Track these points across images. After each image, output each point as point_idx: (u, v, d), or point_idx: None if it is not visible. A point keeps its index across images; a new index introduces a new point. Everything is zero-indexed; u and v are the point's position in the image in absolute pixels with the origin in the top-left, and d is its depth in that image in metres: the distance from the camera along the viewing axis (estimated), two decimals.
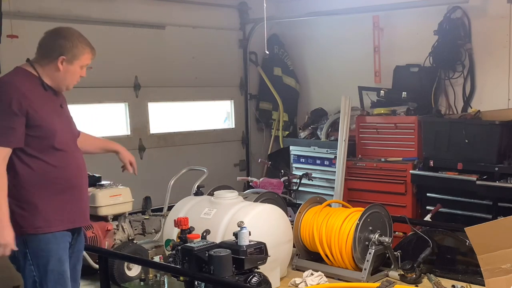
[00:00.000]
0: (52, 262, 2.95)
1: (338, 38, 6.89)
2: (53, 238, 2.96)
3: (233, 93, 7.31)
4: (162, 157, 6.43)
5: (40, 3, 5.41)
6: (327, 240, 3.94)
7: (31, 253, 2.94)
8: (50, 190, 2.96)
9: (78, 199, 3.09)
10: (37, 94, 2.97)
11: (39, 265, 2.94)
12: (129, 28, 6.12)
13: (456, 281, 3.68)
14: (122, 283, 3.92)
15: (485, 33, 5.69)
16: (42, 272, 2.94)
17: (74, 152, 3.11)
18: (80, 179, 3.11)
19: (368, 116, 6.18)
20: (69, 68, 3.01)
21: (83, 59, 3.05)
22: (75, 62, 3.02)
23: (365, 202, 4.82)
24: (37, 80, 3.00)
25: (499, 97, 5.61)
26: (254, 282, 3.19)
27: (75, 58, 3.02)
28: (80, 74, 3.08)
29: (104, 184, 4.22)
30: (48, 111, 2.98)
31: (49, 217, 2.95)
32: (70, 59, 3.01)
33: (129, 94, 6.18)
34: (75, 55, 3.02)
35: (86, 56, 3.06)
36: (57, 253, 2.97)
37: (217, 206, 3.82)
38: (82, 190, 3.13)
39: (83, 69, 3.08)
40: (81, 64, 3.05)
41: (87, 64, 3.09)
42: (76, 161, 3.11)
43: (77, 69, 3.04)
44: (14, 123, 2.84)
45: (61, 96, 3.16)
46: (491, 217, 4.93)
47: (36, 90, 2.97)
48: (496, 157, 5.04)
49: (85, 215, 3.19)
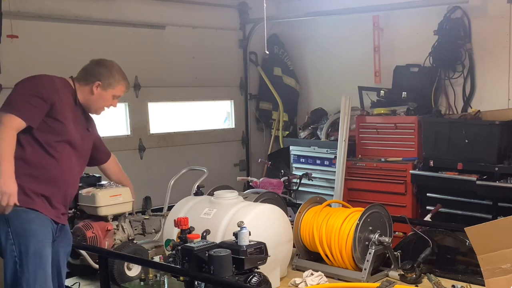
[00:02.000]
0: (33, 242, 2.98)
1: (338, 38, 6.90)
2: (36, 218, 3.03)
3: (233, 93, 7.31)
4: (162, 157, 6.43)
5: (40, 3, 5.41)
6: (327, 240, 3.94)
7: (13, 231, 2.97)
8: (39, 176, 3.07)
9: (61, 197, 3.19)
10: (68, 100, 3.21)
11: (20, 244, 2.96)
12: (129, 28, 6.12)
13: (456, 281, 3.68)
14: (122, 283, 3.91)
15: (485, 33, 5.69)
16: (24, 252, 2.95)
17: (72, 165, 3.25)
18: (69, 182, 3.24)
19: (368, 116, 6.18)
20: (102, 94, 3.30)
21: (117, 89, 3.34)
22: (109, 90, 3.31)
23: (365, 202, 4.82)
24: (72, 92, 3.27)
25: (499, 97, 5.61)
26: (254, 282, 3.19)
27: (110, 87, 3.31)
28: (111, 103, 3.37)
29: (104, 184, 4.22)
30: (71, 118, 3.20)
31: (32, 197, 3.04)
32: (105, 86, 3.30)
33: (129, 94, 6.15)
34: (110, 84, 3.31)
35: (120, 88, 3.36)
36: (39, 234, 3.02)
37: (217, 206, 3.81)
38: (68, 192, 3.25)
39: (115, 100, 3.37)
40: (114, 94, 3.34)
41: (120, 95, 3.38)
42: (72, 171, 3.25)
43: (109, 97, 3.33)
44: (37, 103, 3.03)
45: (90, 119, 3.45)
46: (491, 217, 4.93)
47: (68, 97, 3.22)
48: (496, 157, 5.04)
49: (64, 215, 3.29)
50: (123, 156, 5.72)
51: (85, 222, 4.00)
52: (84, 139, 3.34)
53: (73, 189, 3.34)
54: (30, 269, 2.96)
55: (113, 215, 4.16)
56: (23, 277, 2.96)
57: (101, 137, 3.79)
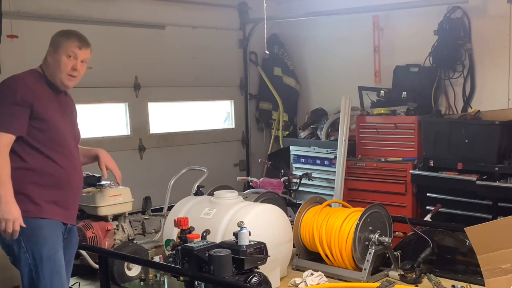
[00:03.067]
0: (46, 248, 2.97)
1: (338, 38, 6.89)
2: (46, 224, 3.00)
3: (233, 93, 7.31)
4: (162, 157, 6.43)
5: (40, 3, 5.41)
6: (327, 240, 3.94)
7: (25, 240, 2.95)
8: (45, 183, 3.02)
9: (69, 196, 3.14)
10: (43, 91, 3.08)
11: (34, 251, 2.96)
12: (129, 28, 6.11)
13: (456, 281, 3.68)
14: (122, 283, 3.92)
15: (485, 33, 5.69)
16: (38, 259, 2.96)
17: (74, 154, 3.19)
18: (75, 180, 3.18)
19: (368, 116, 6.18)
20: (55, 58, 3.07)
21: (66, 47, 3.06)
22: (59, 51, 3.06)
23: (365, 202, 4.82)
24: (43, 79, 3.12)
25: (499, 97, 5.61)
26: (254, 282, 3.19)
27: (59, 46, 3.07)
28: (71, 65, 3.07)
29: (104, 184, 4.22)
30: (53, 108, 3.08)
31: (41, 204, 3.00)
32: (55, 48, 3.09)
33: (129, 94, 6.17)
34: (58, 43, 3.08)
35: (70, 44, 3.07)
36: (51, 239, 3.01)
37: (217, 206, 3.82)
38: (75, 190, 3.20)
39: (74, 61, 3.08)
40: (67, 53, 3.06)
41: (74, 52, 3.07)
42: (75, 162, 3.18)
43: (63, 58, 3.06)
44: (18, 112, 2.95)
45: (70, 100, 3.30)
46: (491, 217, 4.93)
47: (42, 88, 3.09)
48: (496, 157, 5.03)
49: (73, 214, 3.23)
50: (123, 156, 5.74)
51: (85, 222, 4.01)
52: (74, 124, 3.28)
53: (79, 181, 3.26)
54: (46, 275, 2.97)
55: (113, 215, 4.16)
56: (40, 284, 2.97)
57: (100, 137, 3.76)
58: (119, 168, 3.60)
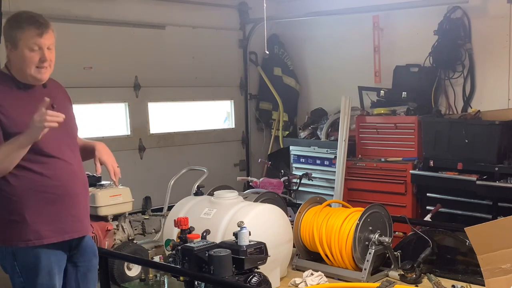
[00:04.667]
0: (41, 276, 2.79)
1: (338, 38, 6.89)
2: (43, 252, 2.78)
3: (233, 93, 7.31)
4: (162, 157, 6.43)
5: (40, 3, 5.40)
6: (327, 240, 3.94)
7: (20, 266, 2.78)
8: (39, 200, 2.75)
9: (71, 207, 2.84)
10: (10, 96, 2.72)
11: (28, 277, 2.79)
12: (129, 28, 6.11)
13: (456, 281, 3.68)
14: (122, 283, 3.92)
15: (485, 33, 5.68)
16: (32, 284, 2.80)
17: (66, 157, 2.85)
18: (73, 186, 2.86)
19: (368, 116, 6.18)
20: (17, 54, 2.70)
21: (24, 39, 2.68)
22: (18, 45, 2.68)
23: (365, 202, 4.82)
24: (10, 80, 2.75)
25: (499, 97, 5.61)
26: (254, 282, 3.19)
27: (16, 40, 2.68)
28: (37, 58, 2.70)
29: (104, 184, 4.22)
30: (26, 112, 2.66)
31: (39, 228, 2.74)
32: (13, 43, 2.70)
33: (129, 94, 6.17)
34: (14, 37, 2.69)
35: (27, 34, 2.68)
36: (47, 267, 2.80)
37: (217, 206, 3.82)
38: (76, 198, 2.87)
39: (38, 52, 2.70)
40: (28, 46, 2.68)
41: (36, 43, 2.70)
42: (69, 167, 2.85)
43: (26, 53, 2.68)
44: None
45: (54, 92, 2.90)
46: (491, 217, 4.92)
47: (9, 92, 2.73)
48: (496, 157, 5.03)
49: (82, 223, 2.92)
50: (123, 156, 5.73)
51: None
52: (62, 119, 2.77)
53: (79, 185, 2.92)
54: None
55: (113, 215, 4.17)
56: None
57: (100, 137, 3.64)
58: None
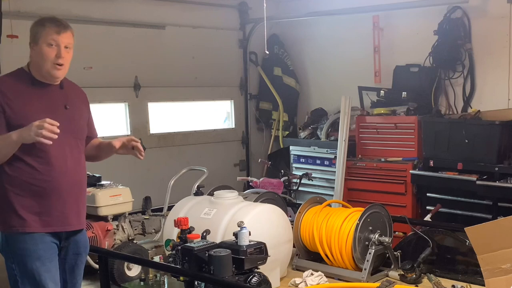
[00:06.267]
0: (30, 261, 2.89)
1: (338, 38, 6.89)
2: (29, 239, 2.89)
3: (233, 93, 7.31)
4: (162, 157, 6.43)
5: (40, 3, 5.41)
6: (327, 240, 3.94)
7: (11, 251, 2.90)
8: (27, 191, 2.88)
9: (57, 203, 2.94)
10: (21, 90, 2.92)
11: (18, 262, 2.90)
12: (129, 28, 6.12)
13: (456, 281, 3.69)
14: (122, 283, 3.92)
15: (485, 33, 5.69)
16: (22, 271, 2.90)
17: (63, 155, 2.96)
18: (62, 184, 2.95)
19: (368, 116, 6.18)
20: (36, 50, 2.93)
21: (44, 35, 2.91)
22: (39, 41, 2.92)
23: (365, 202, 4.83)
24: (26, 76, 2.97)
25: (499, 97, 5.61)
26: (254, 282, 3.19)
27: (38, 37, 2.92)
28: (54, 53, 2.91)
29: (104, 184, 4.22)
30: (35, 109, 2.89)
31: (25, 217, 2.88)
32: (35, 40, 2.94)
33: (129, 94, 6.17)
34: (36, 33, 2.93)
35: (47, 31, 2.91)
36: (35, 253, 2.89)
37: (217, 206, 3.82)
38: (63, 195, 2.96)
39: (55, 48, 2.91)
40: (47, 41, 2.91)
41: (55, 39, 2.92)
42: (63, 165, 2.96)
43: (44, 48, 2.91)
44: None
45: (71, 93, 3.10)
46: (491, 217, 4.93)
47: (21, 86, 2.93)
48: (496, 157, 5.03)
49: (68, 219, 2.99)
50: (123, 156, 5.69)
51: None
52: (71, 120, 3.03)
53: (74, 184, 3.01)
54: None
55: (113, 215, 4.17)
56: None
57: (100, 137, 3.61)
58: (119, 168, 3.55)
